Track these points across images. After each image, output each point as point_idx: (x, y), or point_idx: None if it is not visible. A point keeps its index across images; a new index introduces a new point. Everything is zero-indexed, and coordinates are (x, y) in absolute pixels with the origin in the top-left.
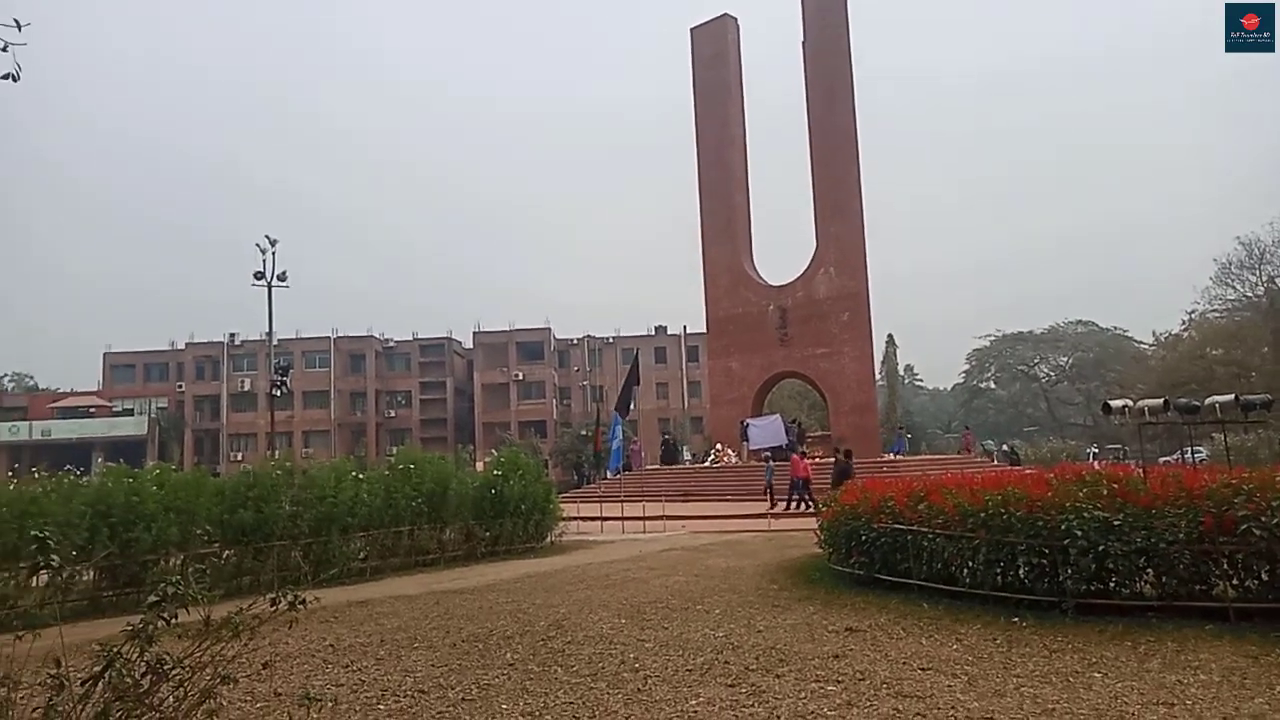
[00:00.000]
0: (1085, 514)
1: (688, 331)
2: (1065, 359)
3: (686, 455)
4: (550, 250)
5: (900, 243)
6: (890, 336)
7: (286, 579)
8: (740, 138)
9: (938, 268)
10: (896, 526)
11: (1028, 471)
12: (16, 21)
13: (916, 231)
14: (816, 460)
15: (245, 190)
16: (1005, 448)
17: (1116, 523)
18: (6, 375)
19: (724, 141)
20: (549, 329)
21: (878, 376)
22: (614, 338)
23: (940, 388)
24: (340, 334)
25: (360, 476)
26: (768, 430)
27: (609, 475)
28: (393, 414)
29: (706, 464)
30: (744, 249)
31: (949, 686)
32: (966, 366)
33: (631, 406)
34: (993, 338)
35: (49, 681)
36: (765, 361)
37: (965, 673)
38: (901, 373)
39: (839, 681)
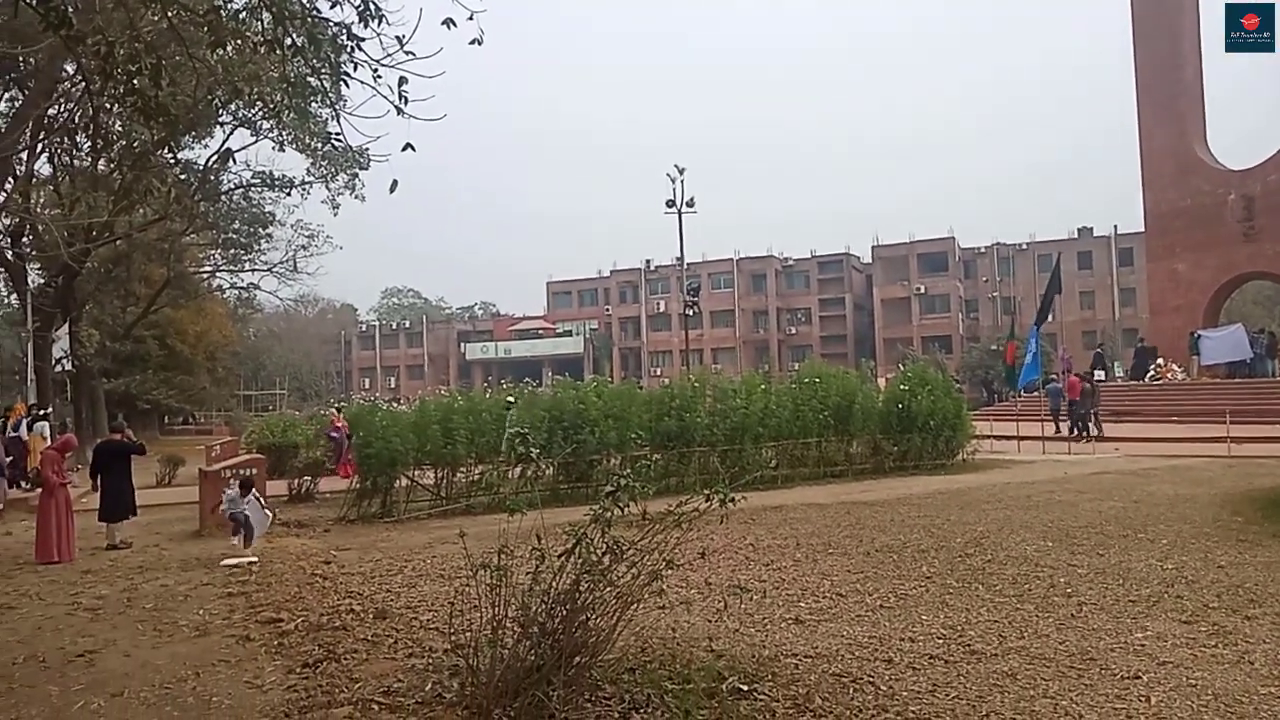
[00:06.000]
0: None
1: (1118, 232)
2: None
3: (1118, 371)
4: (955, 153)
5: None
6: None
7: (707, 482)
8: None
9: None
10: None
11: None
12: None
13: None
14: None
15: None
16: None
17: None
18: (477, 304)
19: (1167, 5)
20: (953, 238)
21: None
22: (1027, 244)
23: None
24: (742, 255)
25: (768, 389)
26: (1225, 342)
27: (1022, 391)
28: (793, 331)
29: (1145, 380)
30: (1195, 130)
31: None
32: None
33: (1050, 317)
34: None
35: (532, 554)
36: (1222, 261)
37: None
38: None
39: None
